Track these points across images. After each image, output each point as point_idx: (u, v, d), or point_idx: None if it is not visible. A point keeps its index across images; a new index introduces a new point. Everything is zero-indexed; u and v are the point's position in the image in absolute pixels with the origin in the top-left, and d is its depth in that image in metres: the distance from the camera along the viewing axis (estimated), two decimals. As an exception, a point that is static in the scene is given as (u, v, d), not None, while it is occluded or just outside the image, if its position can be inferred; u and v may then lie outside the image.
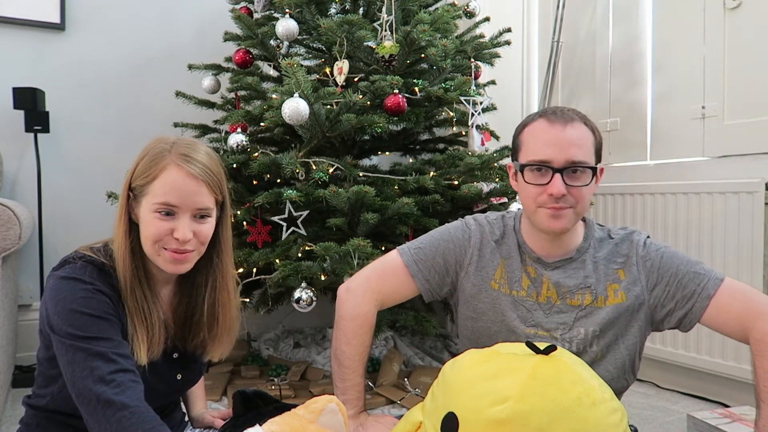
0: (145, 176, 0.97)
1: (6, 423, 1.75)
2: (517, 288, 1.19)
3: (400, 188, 1.93)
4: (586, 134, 1.12)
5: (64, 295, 0.92)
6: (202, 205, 0.98)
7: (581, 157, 1.09)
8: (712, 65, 2.10)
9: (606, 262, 1.17)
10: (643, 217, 2.23)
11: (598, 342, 1.14)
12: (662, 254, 1.15)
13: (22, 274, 2.38)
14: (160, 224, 0.96)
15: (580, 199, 1.10)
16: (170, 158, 0.97)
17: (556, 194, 1.07)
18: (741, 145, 2.01)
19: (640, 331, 1.16)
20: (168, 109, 2.47)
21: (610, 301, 1.15)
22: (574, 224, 1.13)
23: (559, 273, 1.17)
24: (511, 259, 1.21)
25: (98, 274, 0.96)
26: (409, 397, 1.94)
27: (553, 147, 1.09)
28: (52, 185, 2.43)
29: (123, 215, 0.99)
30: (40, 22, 2.43)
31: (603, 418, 0.82)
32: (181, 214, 0.96)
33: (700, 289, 1.10)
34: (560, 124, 1.10)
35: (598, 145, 1.15)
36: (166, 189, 0.95)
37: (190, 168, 0.97)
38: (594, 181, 1.13)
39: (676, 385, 2.17)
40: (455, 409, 0.85)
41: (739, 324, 1.07)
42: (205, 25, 2.71)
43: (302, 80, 1.72)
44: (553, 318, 1.16)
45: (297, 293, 1.77)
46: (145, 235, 0.98)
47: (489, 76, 2.53)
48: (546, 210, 1.10)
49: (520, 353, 0.89)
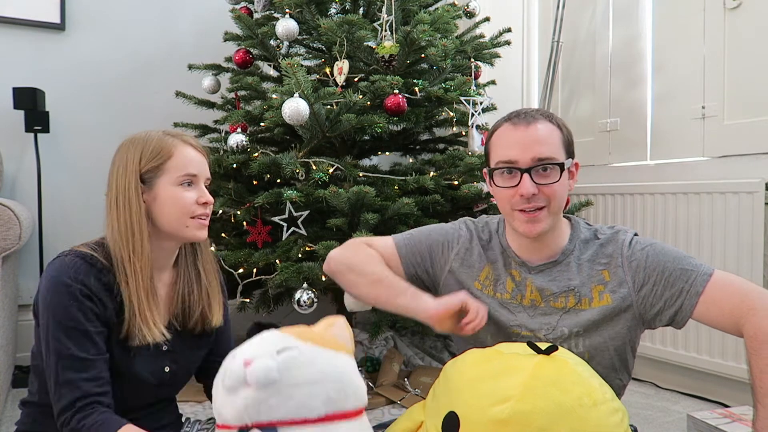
0: (158, 158, 1.05)
1: (6, 423, 1.75)
2: (501, 291, 1.19)
3: (400, 188, 1.93)
4: (551, 131, 1.11)
5: (51, 299, 0.98)
6: (209, 174, 1.11)
7: (547, 153, 1.09)
8: (712, 65, 2.10)
9: (590, 263, 1.15)
10: (643, 217, 2.23)
11: (583, 342, 1.13)
12: (648, 253, 1.12)
13: (22, 274, 2.38)
14: (187, 195, 1.06)
15: (553, 197, 1.09)
16: (175, 140, 1.07)
17: (526, 194, 1.07)
18: (741, 145, 2.01)
19: (630, 331, 1.14)
20: (168, 109, 2.47)
21: (595, 303, 1.13)
22: (551, 225, 1.12)
23: (543, 277, 1.16)
24: (496, 263, 1.21)
25: (88, 270, 0.99)
26: (409, 397, 1.94)
27: (517, 147, 1.09)
28: (52, 185, 2.43)
29: (136, 203, 1.04)
30: (40, 22, 2.43)
31: (604, 418, 0.82)
32: (199, 183, 1.08)
33: (688, 286, 1.07)
34: (523, 125, 1.11)
35: (568, 141, 1.14)
36: (186, 161, 1.06)
37: (195, 143, 1.10)
38: (568, 176, 1.12)
39: (676, 385, 2.17)
40: (456, 409, 0.86)
41: (731, 319, 1.04)
42: (205, 25, 2.71)
43: (302, 80, 1.72)
44: (537, 319, 1.15)
45: (298, 294, 1.77)
46: (171, 211, 1.05)
47: (489, 76, 2.53)
48: (521, 214, 1.10)
49: (522, 353, 0.89)
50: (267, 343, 0.87)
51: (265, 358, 0.83)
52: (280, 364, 0.83)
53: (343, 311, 2.27)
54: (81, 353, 0.97)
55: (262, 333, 0.91)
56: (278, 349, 0.85)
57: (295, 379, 0.84)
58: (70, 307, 0.97)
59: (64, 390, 0.96)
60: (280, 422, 0.83)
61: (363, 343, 2.33)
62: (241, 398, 0.83)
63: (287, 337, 0.89)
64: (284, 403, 0.83)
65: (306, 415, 0.84)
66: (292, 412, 0.83)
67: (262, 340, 0.88)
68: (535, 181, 1.08)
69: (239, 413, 0.83)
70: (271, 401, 0.82)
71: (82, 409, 0.95)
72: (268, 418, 0.83)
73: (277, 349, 0.85)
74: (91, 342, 0.98)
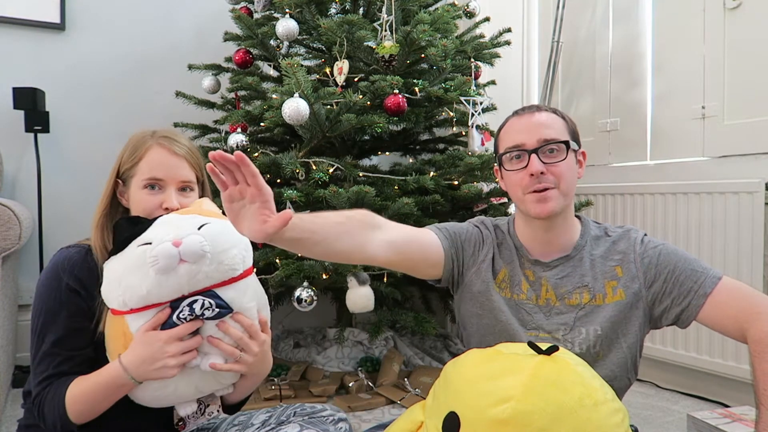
0: (132, 159, 1.08)
1: (6, 423, 1.75)
2: (518, 291, 1.19)
3: (400, 188, 1.93)
4: (555, 118, 1.16)
5: (42, 292, 1.03)
6: (185, 177, 1.09)
7: (553, 135, 1.12)
8: (712, 65, 2.10)
9: (603, 259, 1.17)
10: (643, 217, 2.23)
11: (602, 342, 1.14)
12: (660, 251, 1.14)
13: (22, 274, 2.38)
14: (150, 199, 1.06)
15: (561, 177, 1.11)
16: (153, 141, 1.09)
17: (535, 172, 1.10)
18: (741, 145, 2.01)
19: (640, 328, 1.16)
20: (168, 109, 2.47)
21: (609, 299, 1.14)
22: (562, 206, 1.13)
23: (557, 273, 1.17)
24: (512, 263, 1.21)
25: (82, 261, 1.04)
26: (409, 397, 1.94)
27: (523, 132, 1.14)
28: (52, 185, 2.43)
29: (106, 196, 1.10)
30: (40, 22, 2.43)
31: (604, 418, 0.82)
32: (167, 188, 1.07)
33: (696, 286, 1.09)
34: (528, 113, 1.16)
35: (572, 130, 1.17)
36: (152, 165, 1.07)
37: (172, 146, 1.09)
38: (574, 159, 1.15)
39: (676, 385, 2.17)
40: (457, 409, 0.85)
41: (736, 323, 1.06)
42: (205, 25, 2.71)
43: (302, 80, 1.72)
44: (553, 320, 1.16)
45: (298, 292, 1.77)
46: (136, 213, 1.07)
47: (489, 76, 2.53)
48: (531, 195, 1.12)
49: (522, 353, 0.89)
50: (181, 223, 0.97)
51: (192, 235, 0.94)
52: (206, 237, 0.95)
53: (344, 310, 2.27)
54: (59, 349, 1.00)
55: (139, 224, 0.99)
56: (197, 225, 0.96)
57: (221, 246, 0.96)
58: (57, 302, 1.01)
59: (36, 380, 1.00)
60: (215, 285, 0.97)
61: (363, 343, 2.33)
62: (178, 276, 0.93)
63: (190, 216, 1.00)
64: (217, 268, 0.96)
65: (232, 275, 0.98)
66: (223, 274, 0.97)
67: (170, 224, 0.97)
68: (542, 161, 1.11)
69: (177, 288, 0.94)
70: (206, 269, 0.94)
71: (45, 390, 1.00)
72: (204, 285, 0.96)
73: (196, 225, 0.96)
74: (71, 338, 1.01)
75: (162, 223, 0.98)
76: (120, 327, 0.98)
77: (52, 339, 1.00)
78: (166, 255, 0.91)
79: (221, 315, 0.97)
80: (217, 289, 0.97)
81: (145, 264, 0.93)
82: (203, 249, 0.93)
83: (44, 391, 1.00)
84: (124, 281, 0.95)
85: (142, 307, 0.95)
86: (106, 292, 0.99)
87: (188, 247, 0.92)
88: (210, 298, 0.96)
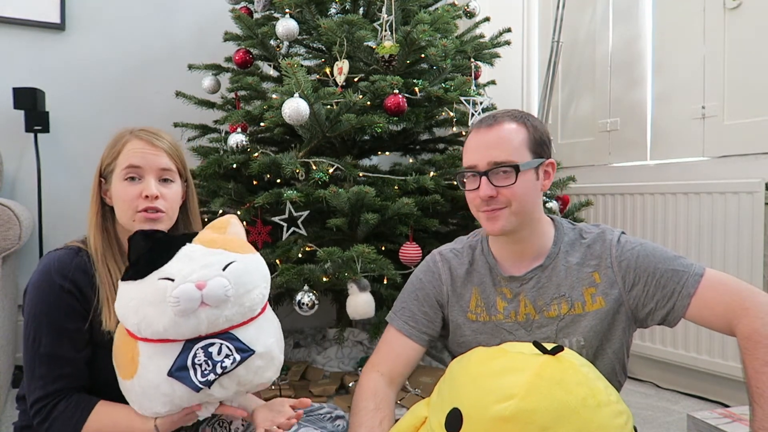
0: (111, 155, 1.10)
1: (6, 423, 1.75)
2: (494, 312, 1.18)
3: (400, 188, 1.93)
4: (511, 134, 1.11)
5: (34, 294, 1.02)
6: (164, 165, 1.09)
7: (503, 157, 1.10)
8: (712, 65, 2.10)
9: (579, 266, 1.15)
10: (643, 217, 2.23)
11: (586, 352, 1.13)
12: (638, 253, 1.11)
13: (22, 274, 2.38)
14: (130, 188, 1.07)
15: (513, 198, 1.10)
16: (131, 135, 1.11)
17: (483, 197, 1.10)
18: (741, 145, 2.01)
19: (624, 332, 1.14)
20: (168, 109, 2.47)
21: (588, 307, 1.13)
22: (513, 225, 1.12)
23: (533, 285, 1.16)
24: (483, 284, 1.20)
25: (72, 263, 1.04)
26: (409, 397, 1.94)
27: (477, 152, 1.13)
28: (52, 185, 2.43)
29: (94, 197, 1.11)
30: (40, 22, 2.43)
31: (608, 420, 0.82)
32: (147, 176, 1.08)
33: (680, 287, 1.07)
34: (485, 129, 1.13)
35: (536, 140, 1.13)
36: (129, 155, 1.08)
37: (150, 138, 1.10)
38: (532, 176, 1.12)
39: (676, 385, 2.17)
40: (460, 405, 0.86)
41: (724, 319, 1.03)
42: (205, 25, 2.71)
43: (302, 80, 1.72)
44: (535, 334, 1.15)
45: (299, 296, 1.76)
46: (119, 206, 1.08)
47: (489, 76, 2.53)
48: (483, 214, 1.13)
49: (527, 352, 0.89)
50: (206, 261, 0.93)
51: (217, 277, 0.91)
52: (231, 279, 0.92)
53: (344, 310, 2.27)
54: (57, 350, 1.00)
55: (161, 245, 0.96)
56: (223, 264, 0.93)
57: (244, 287, 0.94)
58: (51, 304, 1.00)
59: (38, 384, 0.99)
60: (233, 326, 0.94)
61: (363, 343, 2.33)
62: (198, 319, 0.90)
63: (217, 251, 0.95)
64: (238, 311, 0.93)
65: (251, 315, 0.96)
66: (243, 316, 0.95)
67: (195, 260, 0.93)
68: (494, 183, 1.09)
69: (194, 330, 0.91)
70: (227, 313, 0.92)
71: (53, 399, 0.99)
72: (223, 327, 0.93)
73: (222, 265, 0.93)
74: (68, 340, 1.01)
75: (186, 257, 0.94)
76: (130, 350, 0.95)
77: (49, 342, 0.99)
78: (188, 298, 0.88)
79: (243, 360, 0.93)
80: (235, 331, 0.94)
81: (164, 301, 0.89)
82: (227, 294, 0.90)
83: (54, 407, 0.98)
84: (141, 311, 0.91)
85: (156, 339, 0.92)
86: (121, 311, 0.96)
87: (212, 291, 0.89)
88: (228, 341, 0.92)
